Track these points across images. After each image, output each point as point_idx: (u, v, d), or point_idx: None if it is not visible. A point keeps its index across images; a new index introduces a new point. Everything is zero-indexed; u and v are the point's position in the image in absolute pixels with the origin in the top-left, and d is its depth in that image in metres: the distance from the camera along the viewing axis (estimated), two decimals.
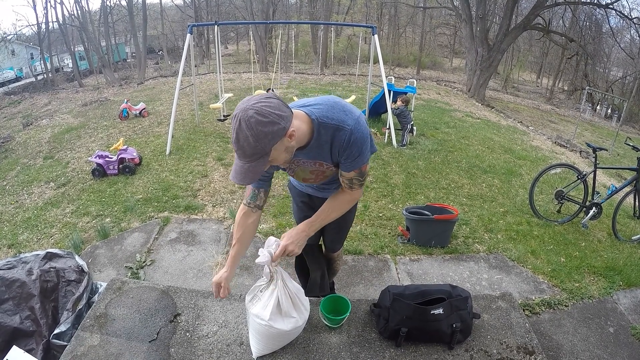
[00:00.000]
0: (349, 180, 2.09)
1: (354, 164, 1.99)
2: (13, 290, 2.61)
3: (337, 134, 1.87)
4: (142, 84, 19.27)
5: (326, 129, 1.86)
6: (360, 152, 1.94)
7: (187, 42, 8.16)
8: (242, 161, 1.67)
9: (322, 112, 1.86)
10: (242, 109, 1.59)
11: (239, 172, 1.69)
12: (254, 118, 1.57)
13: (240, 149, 1.62)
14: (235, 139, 1.60)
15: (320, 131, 1.86)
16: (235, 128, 1.59)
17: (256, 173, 1.70)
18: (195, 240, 4.70)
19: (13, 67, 33.03)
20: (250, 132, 1.58)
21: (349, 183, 2.10)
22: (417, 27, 33.80)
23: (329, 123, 1.85)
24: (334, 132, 1.87)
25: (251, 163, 1.67)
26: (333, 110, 1.87)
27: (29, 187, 6.51)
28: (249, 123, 1.57)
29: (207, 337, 2.34)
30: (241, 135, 1.59)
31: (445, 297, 2.38)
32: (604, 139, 14.70)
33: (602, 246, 5.03)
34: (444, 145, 8.62)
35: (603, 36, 24.89)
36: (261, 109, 1.59)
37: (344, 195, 2.17)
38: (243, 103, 1.62)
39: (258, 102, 1.61)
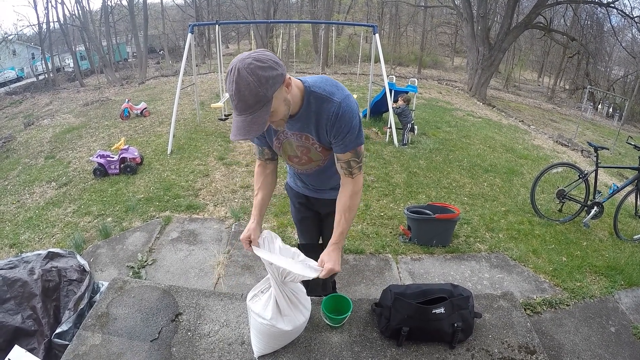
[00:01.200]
0: (346, 163, 2.02)
1: (346, 143, 1.95)
2: (15, 289, 2.61)
3: (325, 105, 1.87)
4: (143, 83, 19.29)
5: (316, 98, 1.86)
6: (350, 128, 1.90)
7: (188, 41, 8.16)
8: (243, 115, 1.64)
9: (314, 82, 1.89)
10: (239, 59, 1.58)
11: (242, 126, 1.66)
12: (253, 64, 1.57)
13: (241, 100, 1.60)
14: (236, 89, 1.58)
15: (310, 100, 1.87)
16: (235, 78, 1.57)
17: (260, 124, 1.67)
18: (197, 239, 4.70)
19: (14, 67, 33.05)
20: (253, 77, 1.56)
21: (348, 167, 2.03)
22: (418, 26, 33.80)
23: (319, 93, 1.86)
24: (322, 104, 1.87)
25: (254, 114, 1.64)
26: (325, 82, 1.89)
27: (30, 187, 6.52)
28: (250, 69, 1.56)
29: (208, 336, 2.34)
30: (242, 84, 1.56)
31: (446, 296, 2.38)
32: (605, 138, 14.68)
33: (604, 245, 5.03)
34: (445, 145, 8.62)
35: (604, 35, 24.89)
36: (258, 56, 1.59)
37: (347, 188, 2.10)
38: (237, 58, 1.60)
39: (253, 52, 1.62)
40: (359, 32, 29.80)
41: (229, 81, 1.60)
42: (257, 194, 2.26)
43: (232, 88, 1.59)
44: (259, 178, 2.27)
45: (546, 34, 19.37)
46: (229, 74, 1.60)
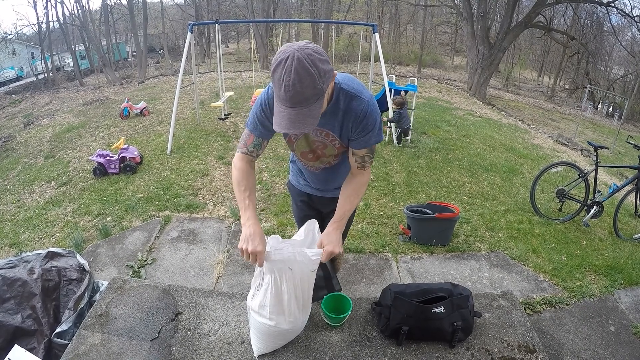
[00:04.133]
0: (361, 158, 2.07)
1: (367, 140, 1.98)
2: (15, 289, 2.61)
3: (354, 103, 1.86)
4: (143, 82, 19.29)
5: (345, 95, 1.85)
6: (374, 126, 1.94)
7: (188, 40, 8.15)
8: (297, 107, 1.57)
9: (343, 79, 1.87)
10: (296, 48, 1.51)
11: (295, 120, 1.60)
12: (313, 56, 1.52)
13: (299, 92, 1.53)
14: (297, 79, 1.50)
15: (340, 97, 1.86)
16: (295, 67, 1.49)
17: (315, 118, 1.63)
18: (197, 238, 4.70)
19: (14, 66, 33.07)
20: (314, 68, 1.51)
21: (362, 161, 2.09)
22: (418, 25, 33.87)
23: (349, 91, 1.84)
24: (352, 101, 1.86)
25: (310, 107, 1.59)
26: (352, 80, 1.87)
27: (30, 187, 6.52)
28: (311, 60, 1.51)
29: (208, 335, 2.34)
30: (303, 74, 1.50)
31: (446, 295, 2.38)
32: (605, 137, 14.68)
33: (603, 245, 5.03)
34: (445, 144, 8.62)
35: (604, 34, 24.90)
36: (315, 48, 1.55)
37: (357, 178, 2.15)
38: (290, 47, 1.53)
39: (307, 43, 1.56)
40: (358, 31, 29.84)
41: (284, 70, 1.51)
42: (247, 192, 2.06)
43: (290, 78, 1.51)
44: (245, 175, 2.09)
45: (546, 33, 19.37)
46: (284, 62, 1.51)
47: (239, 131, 8.87)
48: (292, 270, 1.96)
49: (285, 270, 1.96)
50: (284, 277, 1.97)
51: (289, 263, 1.92)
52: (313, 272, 2.05)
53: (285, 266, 1.94)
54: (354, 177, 2.16)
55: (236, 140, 8.19)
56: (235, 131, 8.88)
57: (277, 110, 1.62)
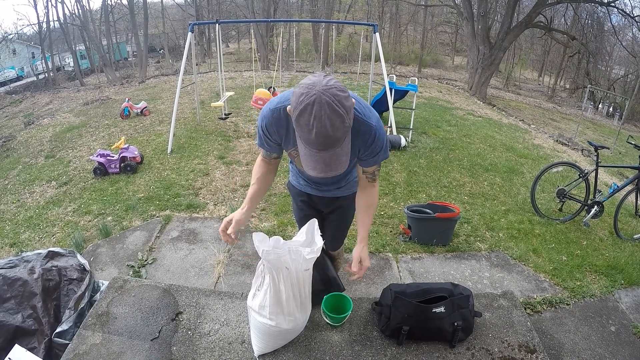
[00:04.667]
0: (371, 174, 2.14)
1: (376, 159, 2.03)
2: (15, 289, 2.61)
3: (362, 128, 1.86)
4: (144, 82, 19.29)
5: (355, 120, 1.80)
6: (382, 148, 1.97)
7: (189, 40, 8.15)
8: (330, 150, 1.55)
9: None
10: (320, 90, 1.46)
11: (330, 162, 1.58)
12: (338, 95, 1.49)
13: (331, 136, 1.50)
14: (330, 126, 1.48)
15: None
16: (325, 113, 1.46)
17: (348, 154, 1.62)
18: (197, 238, 4.71)
19: (14, 66, 33.08)
20: (342, 109, 1.49)
21: (372, 176, 2.15)
22: (419, 25, 33.82)
23: (357, 116, 1.82)
24: (360, 126, 1.85)
25: (342, 145, 1.57)
26: (359, 102, 1.86)
27: (30, 186, 6.52)
28: (338, 101, 1.48)
29: (208, 335, 2.34)
30: (335, 119, 1.47)
31: (446, 295, 2.38)
32: (605, 137, 14.68)
33: (604, 245, 5.03)
34: (446, 144, 8.62)
35: (605, 34, 24.90)
36: (336, 84, 1.51)
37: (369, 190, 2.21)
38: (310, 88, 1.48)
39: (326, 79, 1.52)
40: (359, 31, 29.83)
41: (312, 116, 1.47)
42: (254, 184, 2.18)
43: (321, 124, 1.47)
44: (259, 170, 2.19)
45: (546, 33, 19.37)
46: (310, 107, 1.47)
47: (240, 131, 8.88)
48: (289, 270, 1.96)
49: (282, 270, 1.96)
50: (281, 276, 1.98)
51: (285, 262, 1.93)
52: (307, 271, 2.06)
53: (282, 266, 1.94)
54: (366, 190, 2.22)
55: (236, 140, 8.20)
56: (235, 131, 8.88)
57: (308, 153, 1.59)
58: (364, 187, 2.22)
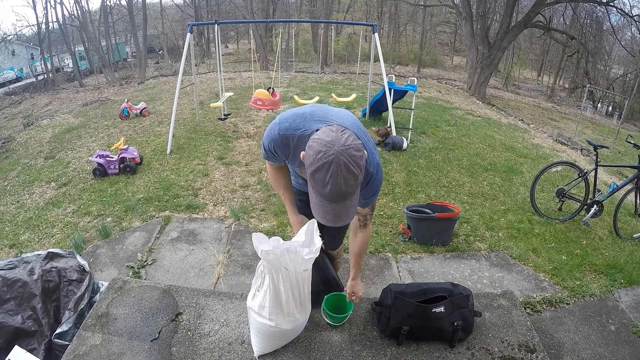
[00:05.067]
0: (363, 217, 2.22)
1: (367, 202, 2.09)
2: (15, 290, 2.61)
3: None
4: (143, 83, 19.27)
5: None
6: (375, 192, 2.03)
7: (188, 41, 8.15)
8: (341, 203, 1.60)
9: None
10: (339, 150, 1.51)
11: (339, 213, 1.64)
12: (355, 156, 1.54)
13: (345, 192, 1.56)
14: (342, 183, 1.53)
15: None
16: (341, 173, 1.51)
17: (356, 205, 1.69)
18: (197, 239, 4.71)
19: (13, 67, 33.07)
20: (357, 169, 1.54)
21: (364, 220, 2.24)
22: (418, 25, 33.82)
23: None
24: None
25: (352, 198, 1.63)
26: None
27: (30, 187, 6.51)
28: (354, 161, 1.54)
29: (208, 336, 2.34)
30: (349, 177, 1.53)
31: (446, 295, 2.38)
32: (605, 136, 14.67)
33: (604, 244, 5.03)
34: (445, 144, 8.62)
35: (604, 34, 24.92)
36: (353, 143, 1.56)
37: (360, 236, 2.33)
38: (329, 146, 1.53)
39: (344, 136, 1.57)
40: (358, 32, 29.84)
41: (328, 174, 1.52)
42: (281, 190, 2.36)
43: (337, 182, 1.52)
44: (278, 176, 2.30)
45: (545, 33, 19.37)
46: (327, 166, 1.52)
47: (239, 131, 8.88)
48: (288, 270, 1.97)
49: (282, 270, 1.96)
50: (280, 277, 1.98)
51: (284, 263, 1.93)
52: (306, 272, 2.06)
53: (282, 266, 1.94)
54: (357, 237, 2.34)
55: (236, 141, 8.20)
56: (235, 131, 8.88)
57: (319, 203, 1.63)
58: (355, 231, 2.33)
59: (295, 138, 1.90)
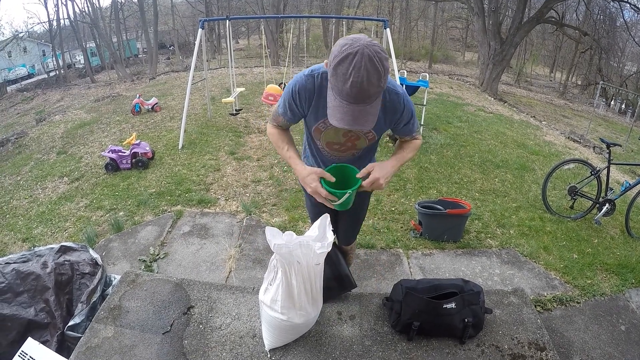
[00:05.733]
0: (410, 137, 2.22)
1: (411, 128, 2.11)
2: (28, 283, 2.65)
3: (391, 97, 1.90)
4: (154, 79, 19.37)
5: (388, 91, 1.88)
6: (412, 115, 2.03)
7: (199, 37, 8.17)
8: (360, 104, 1.58)
9: None
10: (363, 44, 1.51)
11: (358, 116, 1.61)
12: (380, 54, 1.53)
13: (365, 90, 1.54)
14: (366, 77, 1.50)
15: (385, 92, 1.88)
16: (365, 65, 1.49)
17: (375, 115, 1.66)
18: (208, 233, 4.73)
19: (25, 64, 33.32)
20: (381, 67, 1.53)
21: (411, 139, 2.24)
22: (429, 20, 33.70)
23: (389, 86, 1.87)
24: (388, 95, 1.89)
25: (372, 103, 1.61)
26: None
27: (42, 182, 6.57)
28: (379, 58, 1.52)
29: (220, 329, 2.36)
30: (373, 71, 1.51)
31: (457, 291, 2.38)
32: (617, 134, 14.55)
33: (615, 243, 4.99)
34: (457, 140, 8.58)
35: (617, 30, 24.66)
36: (378, 45, 1.55)
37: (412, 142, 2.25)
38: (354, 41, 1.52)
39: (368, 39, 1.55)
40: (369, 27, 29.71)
41: (352, 65, 1.51)
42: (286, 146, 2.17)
43: (359, 74, 1.51)
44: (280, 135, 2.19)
45: (558, 29, 19.25)
46: (351, 57, 1.50)
47: (250, 127, 8.89)
48: (300, 264, 1.97)
49: (294, 264, 1.97)
50: (293, 271, 1.99)
51: (297, 257, 1.94)
52: (318, 266, 2.06)
53: (294, 260, 1.95)
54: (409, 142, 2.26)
55: (247, 136, 8.21)
56: (246, 127, 8.90)
57: (337, 104, 1.62)
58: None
59: (320, 76, 1.90)
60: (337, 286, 2.50)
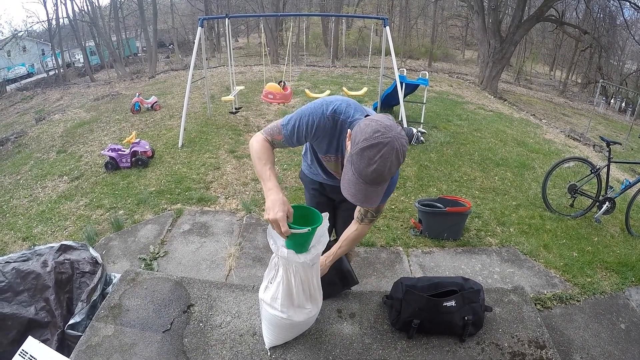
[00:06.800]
0: (364, 212, 2.22)
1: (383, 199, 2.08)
2: (28, 281, 2.64)
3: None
4: (154, 77, 19.37)
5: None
6: (388, 195, 2.05)
7: (198, 35, 8.17)
8: (374, 186, 1.65)
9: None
10: (395, 136, 1.56)
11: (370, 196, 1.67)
12: (404, 147, 1.59)
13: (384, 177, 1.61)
14: (387, 168, 1.57)
15: None
16: (392, 158, 1.56)
17: (382, 193, 1.72)
18: (208, 231, 4.73)
19: (25, 63, 33.29)
20: (402, 158, 1.60)
21: (364, 215, 2.24)
22: (429, 18, 33.68)
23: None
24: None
25: (384, 185, 1.69)
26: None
27: (42, 181, 6.57)
28: (403, 152, 1.59)
29: (220, 327, 2.36)
30: (395, 164, 1.58)
31: (457, 289, 2.38)
32: (617, 133, 14.54)
33: (615, 241, 4.99)
34: (456, 138, 8.58)
35: (617, 28, 24.62)
36: (404, 136, 1.61)
37: (357, 230, 2.30)
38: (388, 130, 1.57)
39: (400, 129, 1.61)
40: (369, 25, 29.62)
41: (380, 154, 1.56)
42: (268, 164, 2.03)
43: (384, 164, 1.57)
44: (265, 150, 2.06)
45: (558, 27, 19.22)
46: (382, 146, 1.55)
47: (250, 125, 8.90)
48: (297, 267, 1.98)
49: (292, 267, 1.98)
50: (292, 269, 1.99)
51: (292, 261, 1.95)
52: (315, 266, 2.06)
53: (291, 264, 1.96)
54: (351, 229, 2.33)
55: (247, 134, 8.21)
56: (246, 125, 8.90)
57: (353, 180, 1.66)
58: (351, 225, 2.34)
59: (344, 122, 1.93)
60: (339, 282, 2.51)
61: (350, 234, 2.32)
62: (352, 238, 2.32)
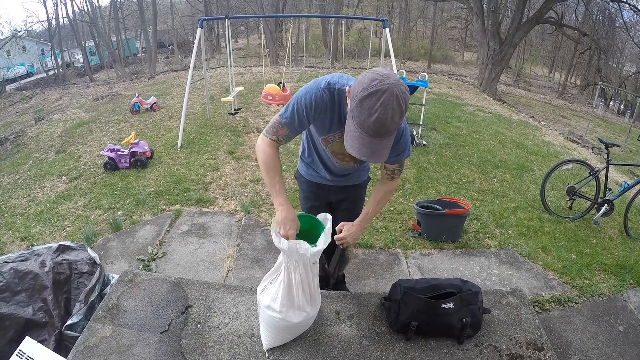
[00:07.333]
0: (391, 171, 2.22)
1: (398, 158, 2.09)
2: (26, 282, 2.64)
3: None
4: (153, 78, 19.36)
5: None
6: (405, 148, 2.05)
7: (198, 36, 8.17)
8: (379, 138, 1.62)
9: None
10: (393, 83, 1.54)
11: (375, 149, 1.65)
12: (405, 94, 1.57)
13: (387, 126, 1.58)
14: (389, 115, 1.55)
15: None
16: (392, 104, 1.54)
17: (390, 148, 1.70)
18: (207, 232, 4.73)
19: (24, 63, 33.29)
20: (405, 106, 1.58)
21: (391, 174, 2.24)
22: (428, 20, 33.72)
23: None
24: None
25: (389, 138, 1.66)
26: None
27: (41, 181, 6.56)
28: (404, 98, 1.57)
29: (218, 328, 2.36)
30: (397, 110, 1.56)
31: (455, 291, 2.38)
32: (616, 135, 14.55)
33: (614, 244, 4.99)
34: (455, 140, 8.58)
35: (616, 30, 24.63)
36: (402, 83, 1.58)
37: (386, 186, 2.30)
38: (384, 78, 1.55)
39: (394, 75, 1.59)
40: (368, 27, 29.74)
41: (380, 102, 1.54)
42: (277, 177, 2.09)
43: (385, 112, 1.55)
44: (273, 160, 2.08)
45: (557, 29, 19.27)
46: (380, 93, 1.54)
47: (249, 126, 8.90)
48: (298, 263, 1.98)
49: (293, 263, 1.98)
50: (292, 268, 1.99)
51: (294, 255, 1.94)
52: (315, 265, 2.08)
53: (292, 258, 1.96)
54: (382, 186, 2.31)
55: (246, 135, 8.21)
56: (245, 126, 8.90)
57: (357, 135, 1.64)
58: (382, 182, 2.31)
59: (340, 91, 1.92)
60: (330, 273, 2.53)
61: (380, 194, 2.33)
62: (383, 196, 2.33)
